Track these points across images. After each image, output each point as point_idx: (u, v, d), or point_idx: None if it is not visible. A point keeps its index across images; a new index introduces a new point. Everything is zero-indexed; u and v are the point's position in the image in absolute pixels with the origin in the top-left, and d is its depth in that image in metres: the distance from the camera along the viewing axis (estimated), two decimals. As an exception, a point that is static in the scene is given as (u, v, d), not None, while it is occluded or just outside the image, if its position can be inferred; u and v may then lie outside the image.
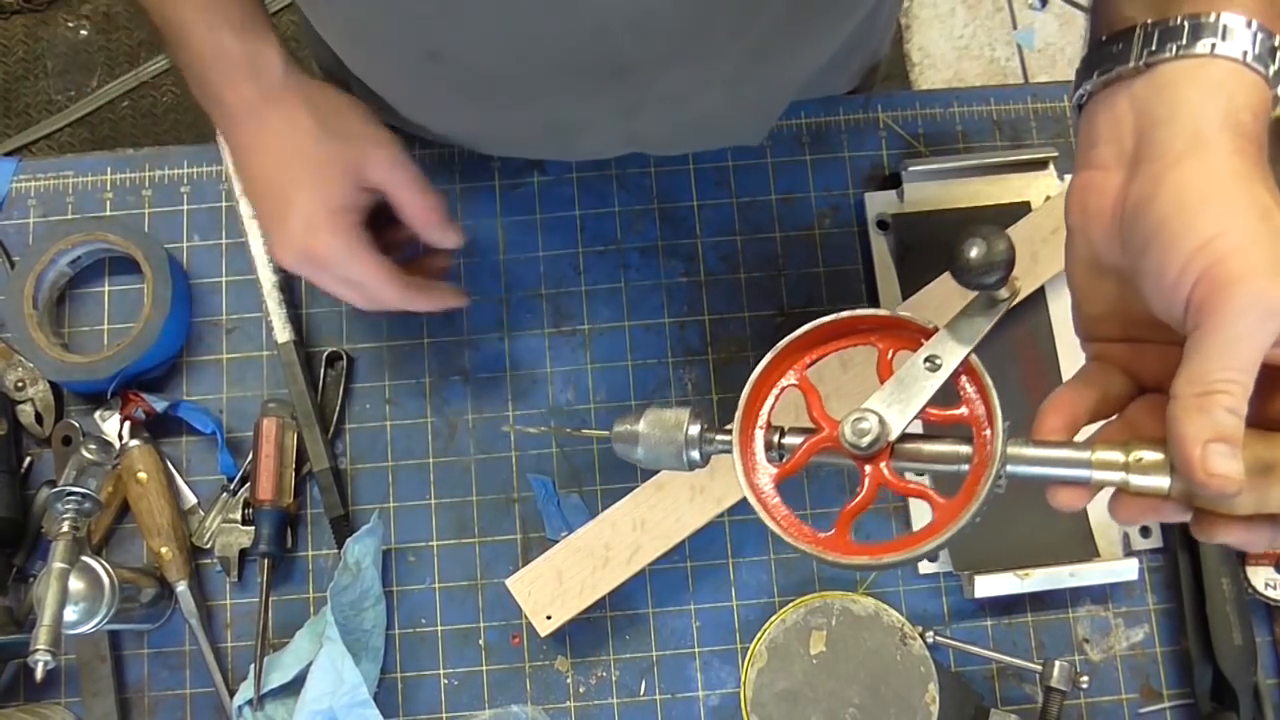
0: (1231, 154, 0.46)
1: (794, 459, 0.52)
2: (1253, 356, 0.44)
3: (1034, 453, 0.48)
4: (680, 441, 0.54)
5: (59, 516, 0.73)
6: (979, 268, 0.47)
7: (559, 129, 0.78)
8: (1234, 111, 0.47)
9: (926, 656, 0.72)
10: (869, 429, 0.49)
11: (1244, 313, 0.43)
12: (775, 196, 0.87)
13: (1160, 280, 0.46)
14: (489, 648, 0.80)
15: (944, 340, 0.50)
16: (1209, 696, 0.77)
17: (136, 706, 0.79)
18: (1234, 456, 0.43)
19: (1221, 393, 0.43)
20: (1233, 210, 0.45)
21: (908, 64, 1.97)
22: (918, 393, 0.50)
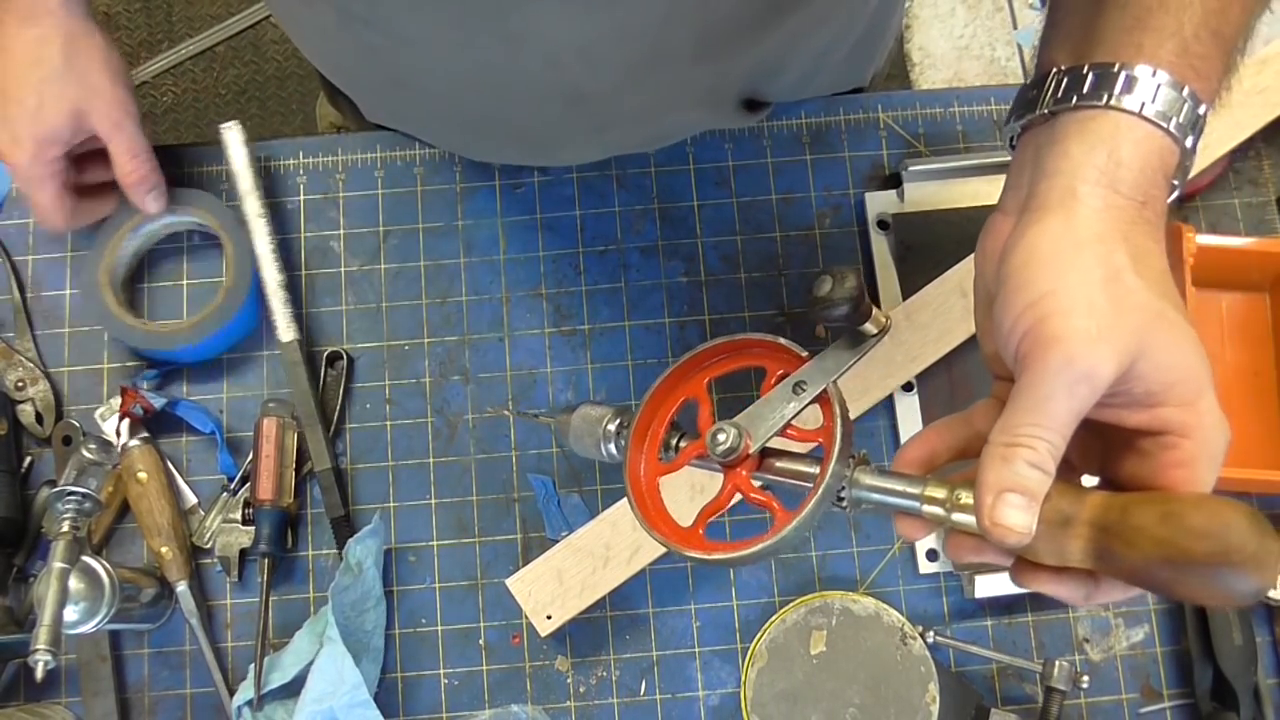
0: (1099, 210, 0.46)
1: (678, 459, 0.58)
2: (1062, 416, 0.44)
3: (871, 481, 0.52)
4: (599, 435, 0.60)
5: (59, 516, 0.73)
6: (828, 302, 0.51)
7: (534, 144, 0.78)
8: (1113, 168, 0.47)
9: (927, 656, 0.72)
10: (725, 440, 0.54)
11: (1056, 373, 0.44)
12: (775, 196, 0.87)
13: (1000, 329, 0.47)
14: (489, 647, 0.80)
15: (812, 369, 0.55)
16: (1209, 696, 0.77)
17: (137, 706, 0.79)
18: (1025, 509, 0.44)
19: (1025, 446, 0.44)
20: (1073, 270, 0.45)
21: (908, 64, 1.97)
22: (780, 412, 0.55)
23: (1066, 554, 0.47)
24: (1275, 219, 0.87)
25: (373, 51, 0.64)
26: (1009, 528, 0.45)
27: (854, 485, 0.52)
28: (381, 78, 0.68)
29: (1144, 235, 0.47)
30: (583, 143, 0.79)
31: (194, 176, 0.88)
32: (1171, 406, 0.46)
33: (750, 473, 0.56)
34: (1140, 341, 0.45)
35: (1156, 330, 0.45)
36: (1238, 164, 0.87)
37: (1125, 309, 0.45)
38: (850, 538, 0.81)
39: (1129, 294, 0.45)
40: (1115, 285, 0.45)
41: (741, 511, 0.59)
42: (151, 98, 1.95)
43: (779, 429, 0.55)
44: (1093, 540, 0.46)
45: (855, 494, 0.52)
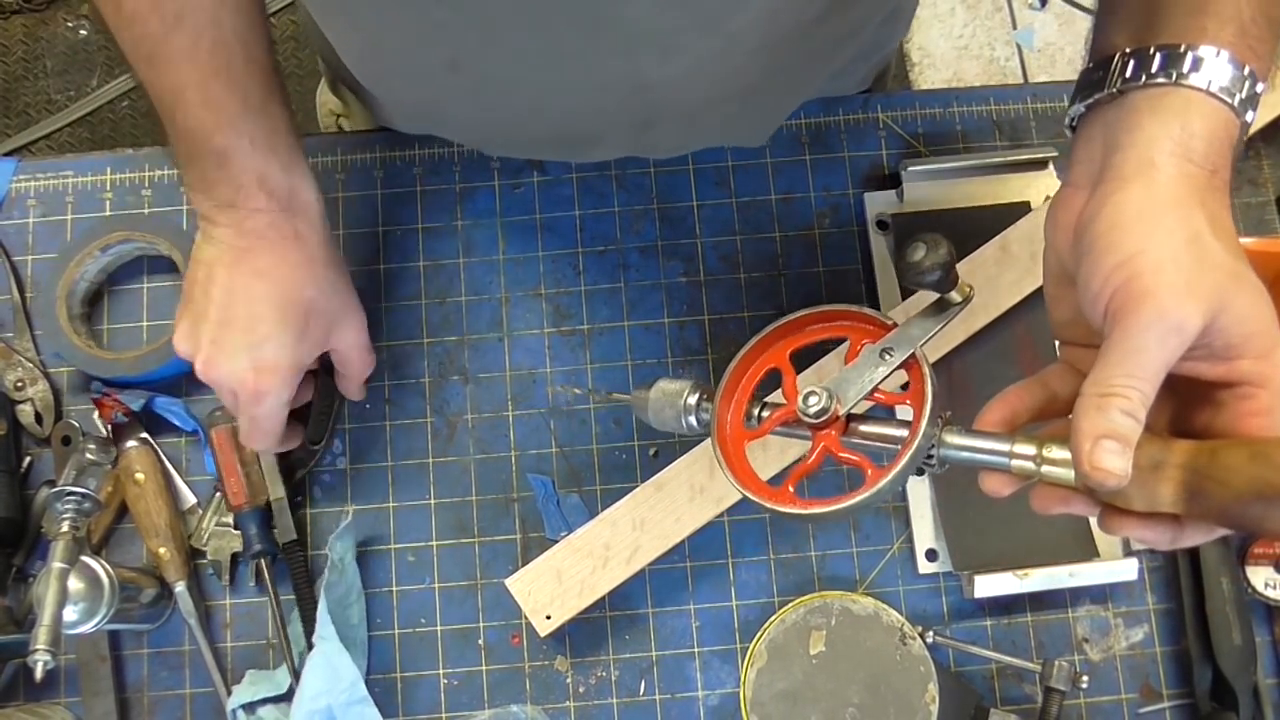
0: (1176, 179, 0.50)
1: (763, 426, 0.61)
2: (1154, 367, 0.48)
3: (960, 440, 0.55)
4: (680, 408, 0.63)
5: (58, 516, 0.73)
6: (921, 269, 0.54)
7: (571, 139, 0.78)
8: (1187, 139, 0.50)
9: (926, 656, 0.72)
10: (817, 402, 0.57)
11: (1148, 327, 0.47)
12: (775, 196, 0.87)
13: (1087, 290, 0.50)
14: (488, 648, 0.80)
15: (899, 336, 0.58)
16: (1209, 696, 0.77)
17: (136, 706, 0.79)
18: (1121, 454, 0.47)
19: (1119, 396, 0.47)
20: (1159, 232, 0.49)
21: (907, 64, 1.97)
22: (868, 377, 0.58)
23: (1157, 497, 0.49)
24: (1275, 219, 0.87)
25: (439, 29, 0.64)
26: (1108, 471, 0.47)
27: (942, 445, 0.55)
28: (435, 62, 0.67)
29: (1216, 202, 0.51)
30: (622, 138, 0.78)
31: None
32: (1248, 359, 0.49)
33: (840, 434, 0.58)
34: (1221, 297, 0.48)
35: (1235, 287, 0.49)
36: (1238, 164, 0.87)
37: (1207, 267, 0.48)
38: (850, 538, 0.81)
39: (1209, 254, 0.49)
40: (1197, 245, 0.49)
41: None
42: (151, 98, 1.95)
43: (867, 392, 0.58)
44: (1184, 483, 0.48)
45: (944, 453, 0.55)
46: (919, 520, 0.80)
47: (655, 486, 0.78)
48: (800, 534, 0.81)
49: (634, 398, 0.66)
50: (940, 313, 0.58)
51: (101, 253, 0.82)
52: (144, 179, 0.88)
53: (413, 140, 0.88)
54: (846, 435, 0.59)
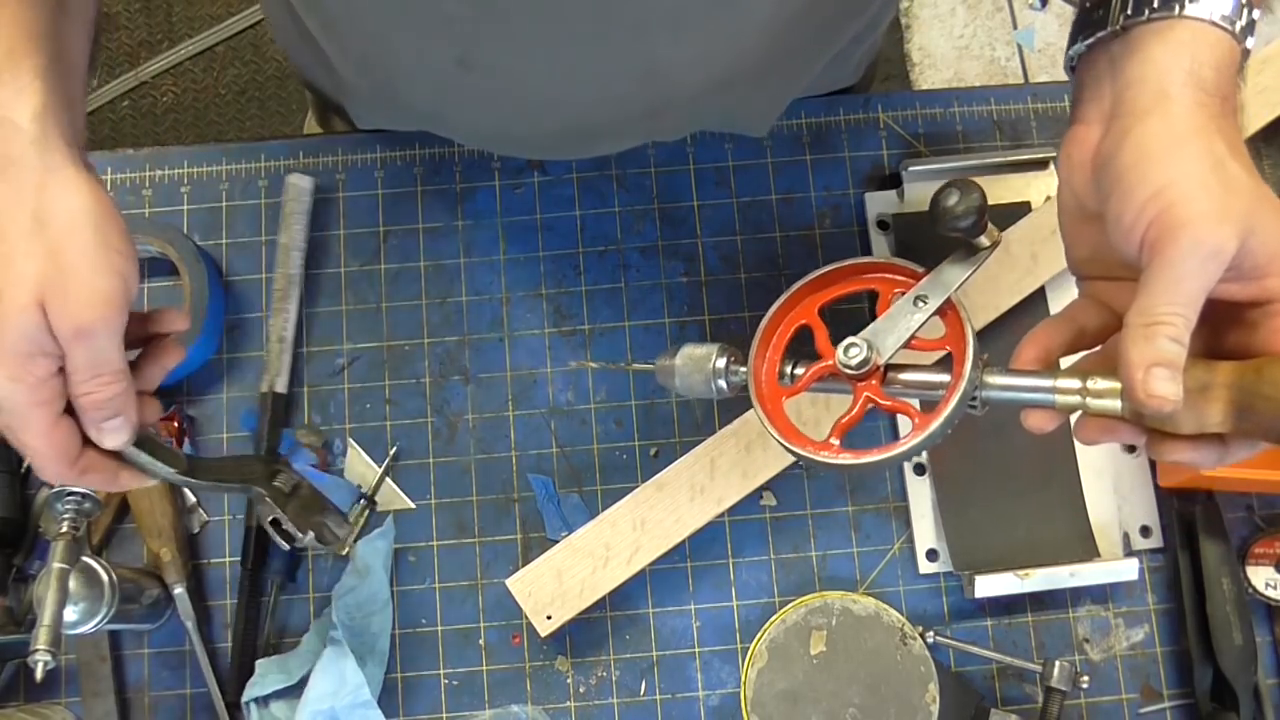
0: (1192, 109, 0.51)
1: (801, 381, 0.60)
2: (1195, 293, 0.49)
3: (1003, 380, 0.55)
4: (709, 371, 0.62)
5: (58, 516, 0.72)
6: (955, 214, 0.54)
7: (581, 133, 0.78)
8: (1197, 69, 0.51)
9: (927, 656, 0.72)
10: (857, 353, 0.57)
11: (1187, 254, 0.48)
12: (775, 196, 0.87)
13: (1120, 224, 0.51)
14: (489, 648, 0.80)
15: (931, 283, 0.58)
16: (1209, 696, 0.77)
17: (136, 706, 0.79)
18: (1173, 379, 0.48)
19: (1165, 324, 0.48)
20: (1185, 161, 0.49)
21: (908, 64, 1.97)
22: (905, 325, 0.58)
23: (1206, 418, 0.50)
24: (1275, 219, 0.87)
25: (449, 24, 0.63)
26: (1163, 397, 0.48)
27: (985, 386, 0.55)
28: (443, 59, 0.66)
29: (1231, 128, 0.52)
30: (631, 128, 0.78)
31: (193, 177, 0.88)
32: (1276, 277, 0.50)
33: (880, 385, 0.58)
34: (1250, 219, 0.49)
35: (1261, 208, 0.49)
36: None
37: (1234, 191, 0.49)
38: (850, 538, 0.81)
39: (1234, 178, 0.50)
40: (1222, 171, 0.49)
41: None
42: (151, 98, 1.95)
43: (906, 340, 0.58)
44: (1232, 402, 0.49)
45: (986, 394, 0.55)
46: (920, 520, 0.80)
47: (656, 486, 0.78)
48: (801, 534, 0.81)
49: (659, 367, 0.65)
50: (971, 257, 0.58)
51: None
52: (144, 179, 0.88)
53: (413, 140, 0.88)
54: (886, 384, 0.58)
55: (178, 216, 0.87)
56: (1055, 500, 0.80)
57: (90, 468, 0.55)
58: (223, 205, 0.87)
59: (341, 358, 0.84)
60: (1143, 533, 0.80)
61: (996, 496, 0.80)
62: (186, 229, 0.86)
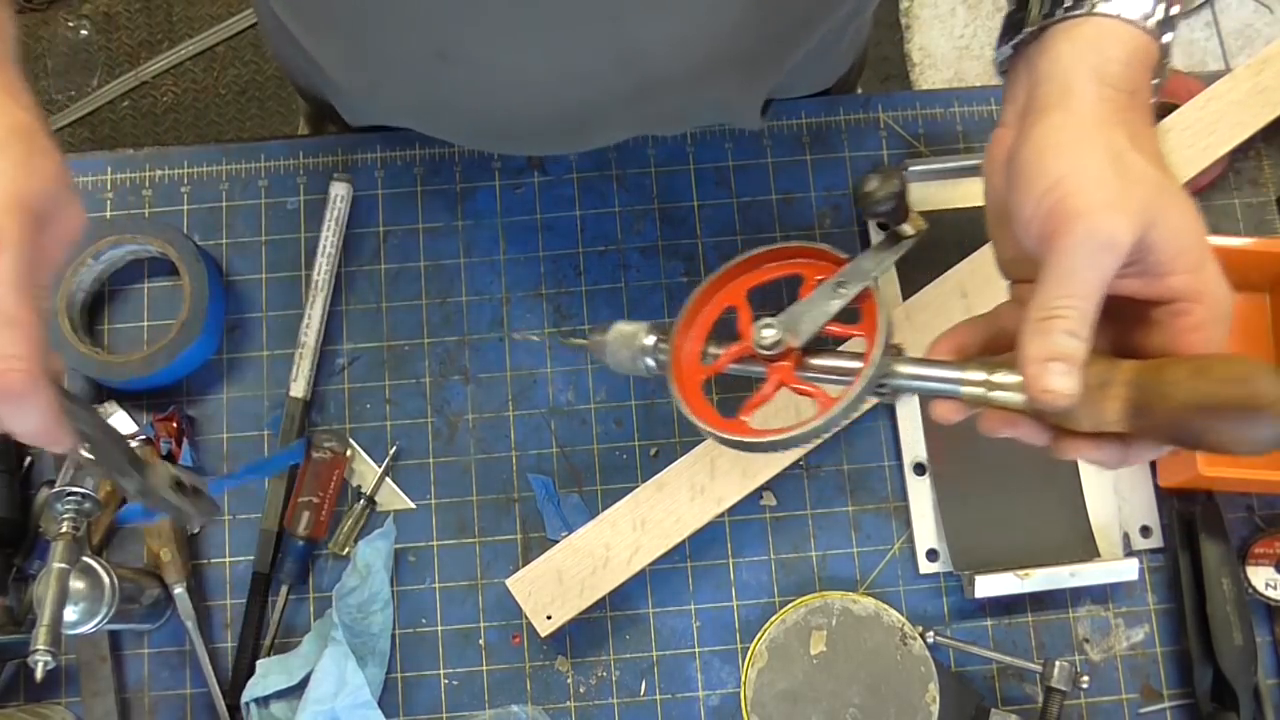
0: (1095, 103, 0.51)
1: (718, 361, 0.61)
2: (1090, 285, 0.48)
3: (911, 369, 0.55)
4: (636, 348, 0.62)
5: (58, 516, 0.72)
6: (874, 199, 0.55)
7: (568, 123, 0.78)
8: (1102, 64, 0.51)
9: (927, 656, 0.72)
10: (771, 334, 0.58)
11: (1081, 245, 0.48)
12: (776, 196, 0.87)
13: (1020, 217, 0.51)
14: (489, 648, 0.80)
15: (853, 270, 0.58)
16: (1209, 697, 0.77)
17: (137, 707, 0.79)
18: (1068, 374, 0.48)
19: (1060, 317, 0.48)
20: (1083, 153, 0.49)
21: (908, 64, 1.97)
22: (822, 310, 0.58)
23: (1103, 416, 0.50)
24: (1275, 219, 0.87)
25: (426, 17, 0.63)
26: (1057, 392, 0.48)
27: (894, 374, 0.56)
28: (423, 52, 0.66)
29: (1137, 121, 0.52)
30: (619, 117, 0.78)
31: (193, 176, 0.88)
32: (1181, 274, 0.50)
33: (794, 368, 0.59)
34: (1150, 211, 0.48)
35: (1162, 200, 0.49)
36: (1238, 164, 0.87)
37: (1132, 182, 0.49)
38: (851, 538, 0.81)
39: (1133, 169, 0.49)
40: (1120, 163, 0.49)
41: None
42: (151, 98, 1.95)
43: (822, 325, 0.58)
44: (1129, 400, 0.49)
45: (895, 382, 0.56)
46: (920, 520, 0.80)
47: (656, 486, 0.78)
48: (801, 534, 0.81)
49: (590, 342, 0.65)
50: (893, 245, 0.59)
51: (94, 260, 0.82)
52: (144, 179, 0.88)
53: (413, 140, 0.88)
54: (801, 368, 0.59)
55: (178, 216, 0.87)
56: (1055, 500, 0.80)
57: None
58: (223, 205, 0.87)
59: (341, 358, 0.84)
60: (1143, 533, 0.80)
61: (997, 496, 0.80)
62: (186, 229, 0.86)
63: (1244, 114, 0.84)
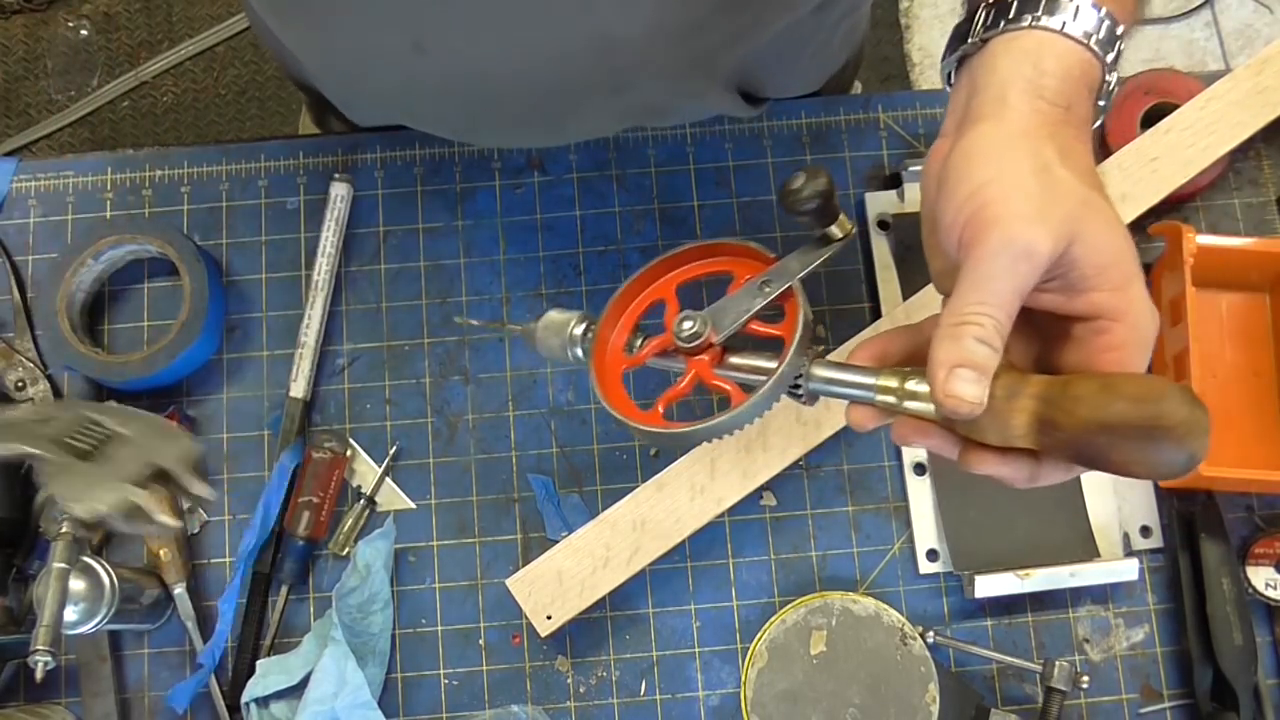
0: (1026, 114, 0.51)
1: (641, 353, 0.61)
2: (1005, 293, 0.48)
3: (827, 373, 0.56)
4: (565, 338, 0.63)
5: (58, 517, 0.72)
6: (799, 197, 0.55)
7: (550, 114, 0.77)
8: (1037, 77, 0.51)
9: (927, 656, 0.72)
10: (691, 327, 0.58)
11: (997, 252, 0.48)
12: (775, 196, 0.87)
13: (942, 224, 0.51)
14: (489, 648, 0.80)
15: (778, 270, 0.59)
16: (1209, 697, 0.77)
17: (137, 707, 0.79)
18: (976, 382, 0.48)
19: (973, 324, 0.48)
20: (1008, 162, 0.49)
21: (908, 64, 1.97)
22: (745, 307, 0.59)
23: (1010, 429, 0.49)
24: (1275, 219, 0.87)
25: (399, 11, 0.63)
26: (961, 398, 0.48)
27: (810, 378, 0.56)
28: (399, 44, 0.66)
29: (1069, 136, 0.51)
30: (601, 107, 0.77)
31: (193, 177, 0.88)
32: (1104, 291, 0.50)
33: (713, 363, 0.59)
34: (1073, 225, 0.48)
35: (1087, 215, 0.49)
36: (1238, 164, 0.87)
37: (1057, 195, 0.49)
38: (850, 538, 0.81)
39: (1059, 182, 0.49)
40: (1046, 175, 0.49)
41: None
42: (151, 98, 1.95)
43: (743, 322, 0.59)
44: (1035, 413, 0.49)
45: (812, 385, 0.56)
46: (920, 520, 0.80)
47: (656, 487, 0.78)
48: (801, 534, 0.81)
49: (524, 329, 0.66)
50: (820, 248, 0.59)
51: (94, 260, 0.82)
52: (144, 179, 0.88)
53: (413, 140, 0.88)
54: (719, 365, 0.59)
55: (178, 216, 0.87)
56: (1055, 500, 0.80)
57: None
58: (223, 205, 0.87)
59: (341, 358, 0.84)
60: (1143, 533, 0.80)
61: (996, 496, 0.80)
62: (186, 229, 0.86)
63: (1244, 114, 0.84)
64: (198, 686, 0.77)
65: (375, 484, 0.82)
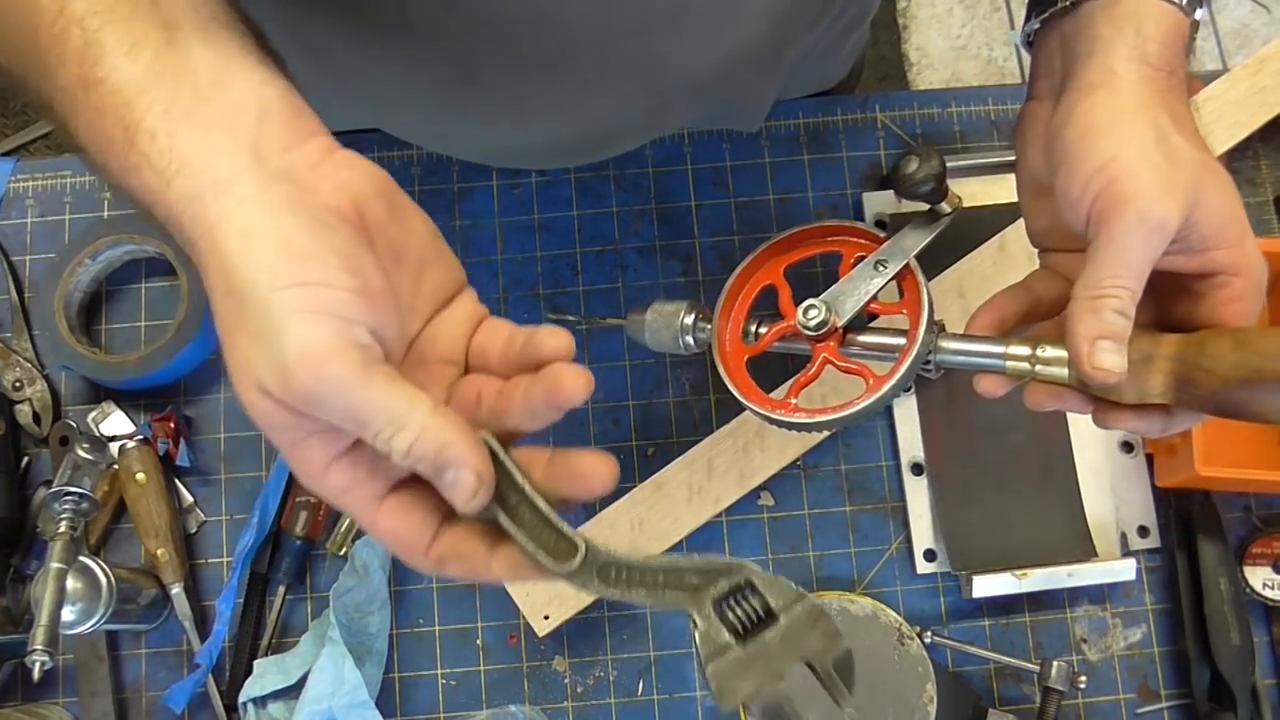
0: (1137, 83, 0.52)
1: (762, 341, 0.62)
2: (1140, 266, 0.50)
3: (956, 345, 0.57)
4: (677, 327, 0.64)
5: (56, 516, 0.73)
6: (915, 180, 0.57)
7: (585, 141, 0.77)
8: (1141, 43, 0.52)
9: (924, 656, 0.72)
10: (816, 314, 0.59)
11: (1132, 228, 0.49)
12: (773, 196, 0.87)
13: (1067, 197, 0.52)
14: (487, 648, 0.80)
15: (891, 248, 0.60)
16: (1207, 697, 0.77)
17: (134, 707, 0.79)
18: (1117, 352, 0.50)
19: (1111, 296, 0.49)
20: (1130, 135, 0.50)
21: (905, 64, 1.97)
22: (864, 288, 0.59)
23: (1148, 389, 0.51)
24: (1273, 219, 0.87)
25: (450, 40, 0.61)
26: (1107, 370, 0.49)
27: (939, 350, 0.57)
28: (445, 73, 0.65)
29: (1177, 101, 0.52)
30: (637, 128, 0.78)
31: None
32: (1222, 249, 0.51)
33: (839, 345, 0.60)
34: (1194, 192, 0.50)
35: (1206, 180, 0.50)
36: (1236, 164, 0.87)
37: (1179, 164, 0.50)
38: (848, 538, 0.81)
39: (1178, 151, 0.50)
40: (1166, 145, 0.50)
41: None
42: (149, 97, 1.94)
43: (865, 303, 0.59)
44: (1173, 373, 0.51)
45: (940, 358, 0.57)
46: (917, 520, 0.80)
47: (654, 486, 0.78)
48: (798, 534, 0.81)
49: (629, 321, 0.66)
50: (932, 223, 0.60)
51: (92, 260, 0.82)
52: (142, 179, 0.88)
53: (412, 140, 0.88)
54: (845, 346, 0.60)
55: (175, 216, 0.87)
56: (1053, 500, 0.80)
57: (446, 554, 0.44)
58: None
59: (339, 358, 0.84)
60: (1140, 533, 0.80)
61: (994, 496, 0.80)
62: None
63: (1241, 114, 0.84)
64: (195, 686, 0.77)
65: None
